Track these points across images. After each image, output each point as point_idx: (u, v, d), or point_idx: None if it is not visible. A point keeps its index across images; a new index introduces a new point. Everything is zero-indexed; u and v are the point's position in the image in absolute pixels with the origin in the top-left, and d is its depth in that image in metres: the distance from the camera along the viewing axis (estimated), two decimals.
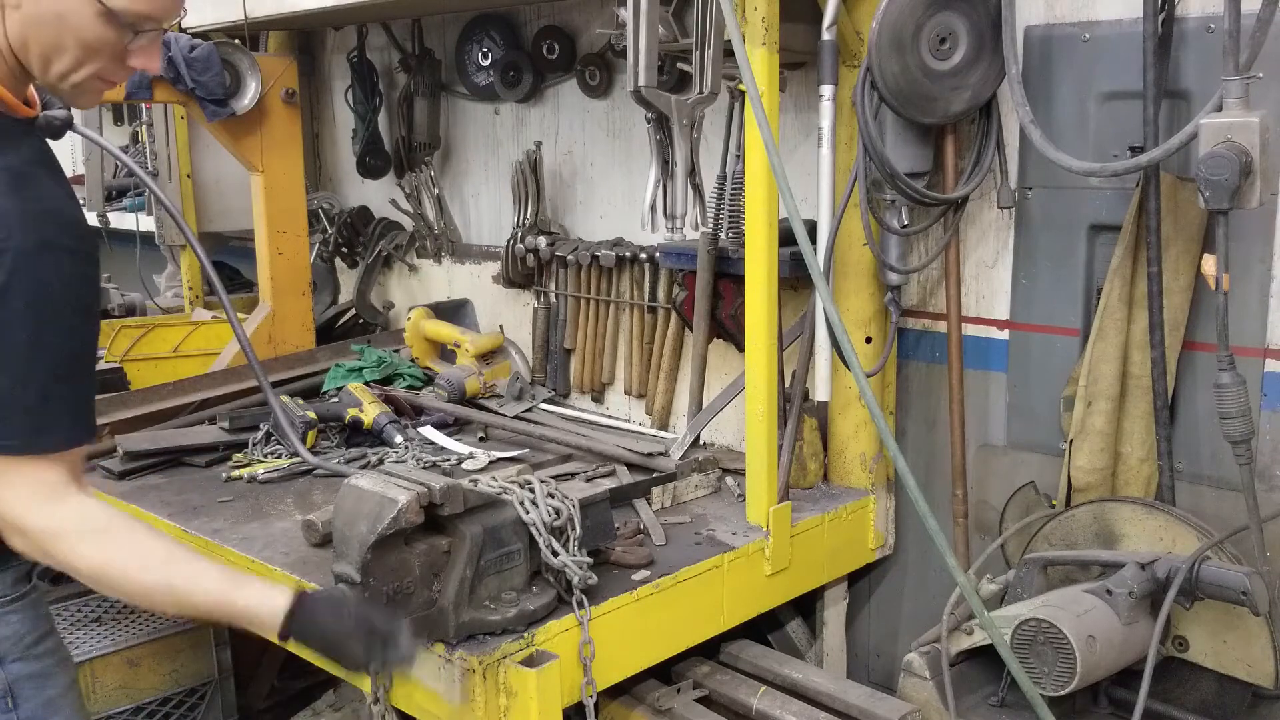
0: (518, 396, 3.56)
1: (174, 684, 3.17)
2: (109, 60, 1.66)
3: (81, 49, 1.63)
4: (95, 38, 1.62)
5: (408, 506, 1.94)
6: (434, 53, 4.00)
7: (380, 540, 1.93)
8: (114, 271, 4.89)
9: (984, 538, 2.75)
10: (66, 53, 1.63)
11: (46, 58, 1.64)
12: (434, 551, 2.03)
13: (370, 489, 2.00)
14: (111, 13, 1.61)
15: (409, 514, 1.94)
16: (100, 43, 1.63)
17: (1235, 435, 2.09)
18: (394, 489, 1.97)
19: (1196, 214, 2.33)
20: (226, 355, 3.77)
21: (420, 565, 2.01)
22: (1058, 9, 2.57)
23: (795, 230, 2.03)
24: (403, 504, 1.94)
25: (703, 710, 2.50)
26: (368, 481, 2.04)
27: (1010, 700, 2.33)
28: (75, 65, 1.64)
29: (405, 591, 1.99)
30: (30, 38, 1.62)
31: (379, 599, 1.95)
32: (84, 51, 1.63)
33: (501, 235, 3.84)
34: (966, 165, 2.64)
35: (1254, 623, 2.13)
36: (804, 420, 2.83)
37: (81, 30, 1.61)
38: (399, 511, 1.93)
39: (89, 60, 1.64)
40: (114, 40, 1.64)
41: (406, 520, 1.94)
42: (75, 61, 1.64)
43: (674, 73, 2.89)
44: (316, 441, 3.19)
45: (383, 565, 1.96)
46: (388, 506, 1.94)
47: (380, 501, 1.96)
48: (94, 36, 1.62)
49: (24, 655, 1.78)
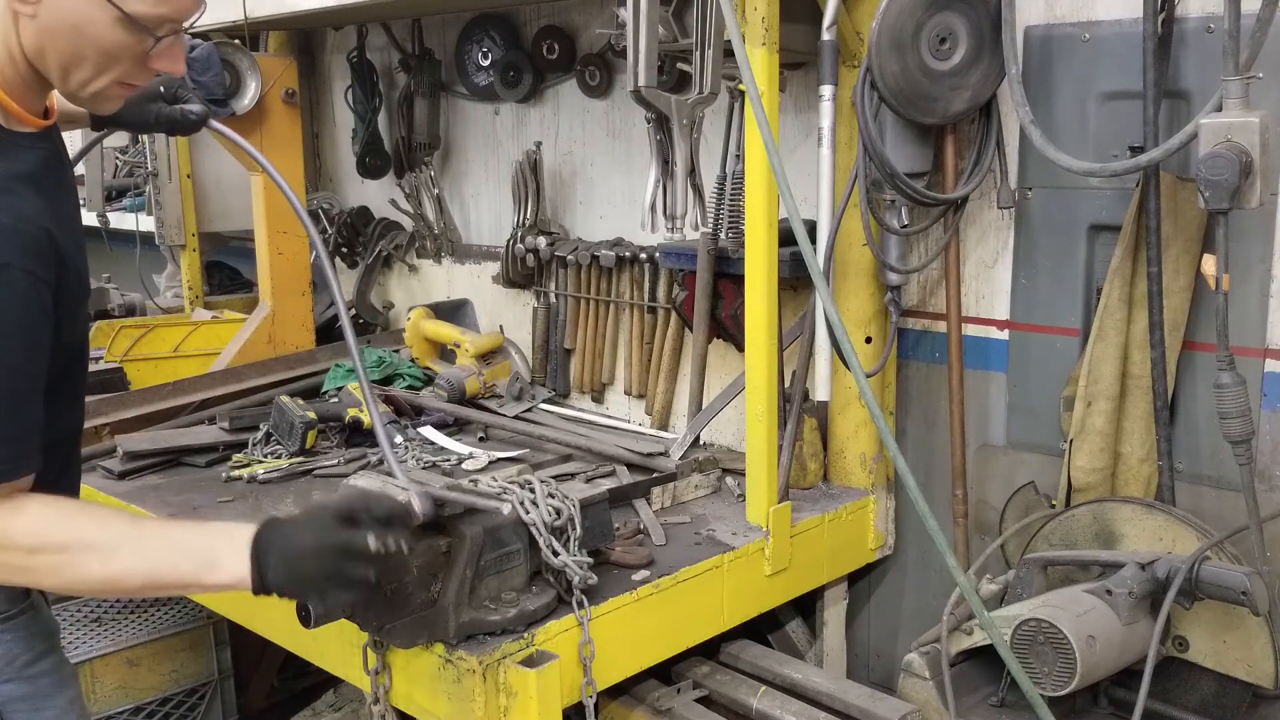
0: (518, 396, 3.56)
1: (174, 684, 3.18)
2: (130, 65, 1.62)
3: (102, 57, 1.58)
4: (114, 44, 1.58)
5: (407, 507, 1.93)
6: (434, 53, 4.00)
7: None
8: (114, 271, 4.89)
9: (984, 538, 2.75)
10: (86, 62, 1.58)
11: (65, 68, 1.59)
12: (432, 552, 2.02)
13: (370, 488, 1.99)
14: (130, 18, 1.56)
15: (408, 515, 1.94)
16: (120, 49, 1.59)
17: (1235, 435, 2.09)
18: (393, 489, 1.97)
19: (1196, 214, 2.33)
20: (226, 355, 3.77)
21: (418, 565, 2.00)
22: (1058, 9, 2.56)
23: (795, 230, 2.03)
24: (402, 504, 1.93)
25: (703, 710, 2.50)
26: (367, 482, 2.03)
27: (1010, 700, 2.33)
28: (96, 73, 1.60)
29: (403, 591, 1.99)
30: (48, 48, 1.58)
31: (378, 599, 1.94)
32: (104, 59, 1.59)
33: (501, 235, 3.84)
34: (966, 165, 2.64)
35: (1254, 623, 2.13)
36: (804, 420, 2.83)
37: (100, 39, 1.57)
38: None
39: (109, 68, 1.60)
40: (134, 45, 1.59)
41: (406, 521, 1.94)
42: (96, 70, 1.59)
43: (674, 73, 2.89)
44: (316, 441, 3.19)
45: None
46: None
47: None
48: (113, 43, 1.58)
49: (16, 676, 1.74)
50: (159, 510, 2.79)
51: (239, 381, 3.56)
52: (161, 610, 3.49)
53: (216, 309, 4.45)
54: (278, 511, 2.76)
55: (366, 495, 1.81)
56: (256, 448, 3.18)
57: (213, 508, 2.81)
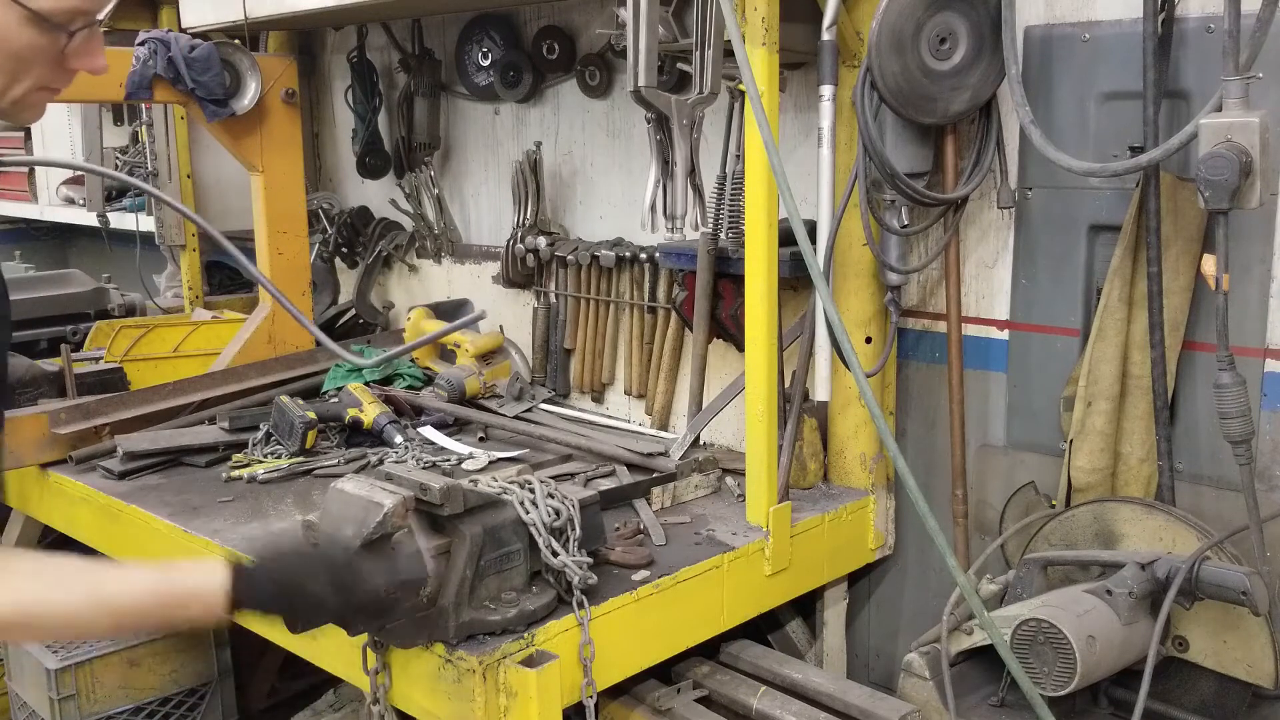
0: (518, 396, 3.56)
1: (174, 684, 3.17)
2: (46, 68, 1.50)
3: (14, 62, 1.46)
4: (26, 47, 1.46)
5: (394, 511, 1.91)
6: (434, 53, 4.00)
7: (366, 544, 1.90)
8: (114, 271, 4.89)
9: (984, 538, 2.75)
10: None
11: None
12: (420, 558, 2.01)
13: (356, 493, 1.97)
14: (37, 15, 1.44)
15: (395, 518, 1.92)
16: (33, 51, 1.47)
17: (1235, 435, 2.09)
18: (380, 493, 1.95)
19: (1196, 214, 2.33)
20: (226, 355, 3.76)
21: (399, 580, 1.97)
22: (1058, 9, 2.56)
23: (795, 230, 2.03)
24: (389, 508, 1.91)
25: (703, 710, 2.50)
26: (353, 485, 2.01)
27: (1010, 700, 2.33)
28: (10, 81, 1.48)
29: (391, 597, 1.96)
30: None
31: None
32: (17, 64, 1.47)
33: (501, 235, 3.84)
34: (966, 165, 2.64)
35: (1254, 623, 2.13)
36: (804, 420, 2.83)
37: (9, 42, 1.45)
38: (385, 515, 1.90)
39: (24, 73, 1.48)
40: (47, 46, 1.47)
41: (393, 524, 1.92)
42: (10, 77, 1.47)
43: (674, 73, 2.89)
44: (316, 441, 3.19)
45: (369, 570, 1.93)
46: (374, 510, 1.91)
47: (366, 506, 1.93)
48: (24, 46, 1.45)
49: None
50: (159, 510, 2.79)
51: (239, 381, 3.56)
52: None
53: (216, 309, 4.44)
54: (278, 512, 2.77)
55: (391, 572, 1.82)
56: (256, 448, 3.18)
57: (213, 507, 2.81)
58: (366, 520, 1.91)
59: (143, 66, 3.41)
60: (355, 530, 1.91)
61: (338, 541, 1.88)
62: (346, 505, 1.97)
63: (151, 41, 3.43)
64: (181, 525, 2.68)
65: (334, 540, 1.89)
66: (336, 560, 1.73)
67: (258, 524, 2.69)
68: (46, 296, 4.15)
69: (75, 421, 3.16)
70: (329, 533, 1.95)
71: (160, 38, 3.45)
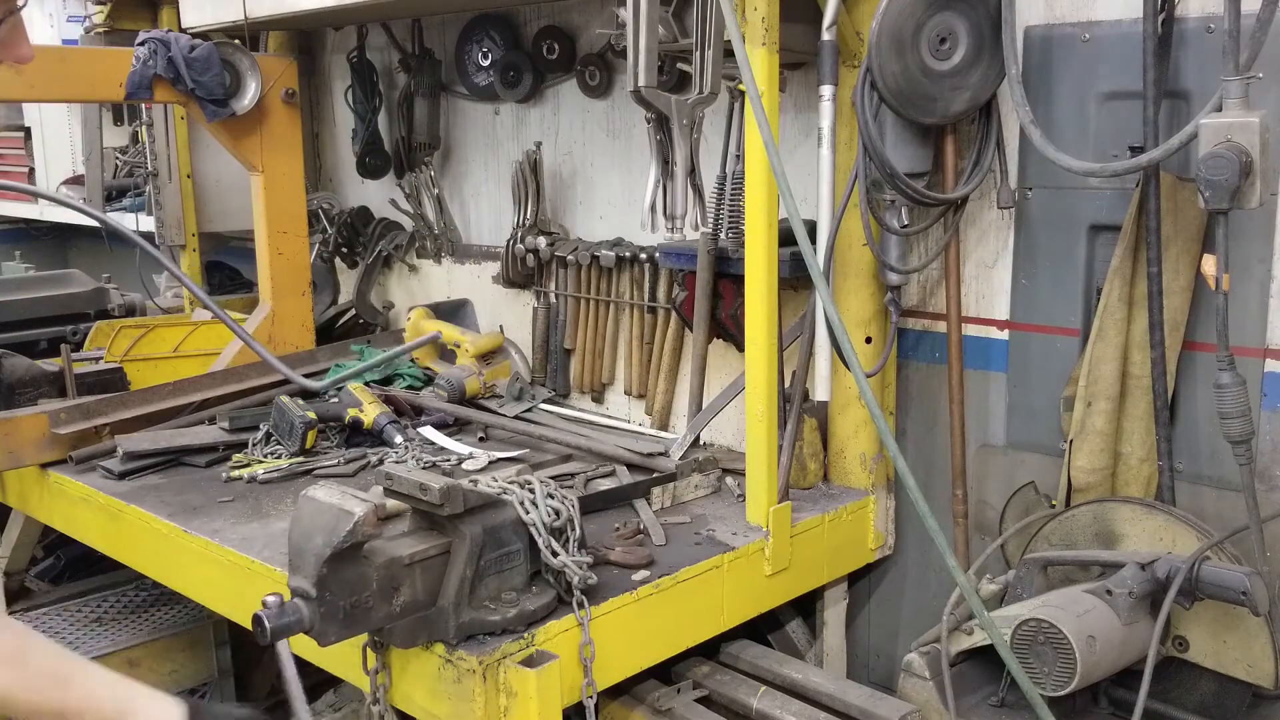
0: (518, 396, 3.56)
1: (174, 684, 3.18)
2: None
3: None
4: None
5: (364, 519, 1.89)
6: (434, 53, 4.00)
7: (336, 554, 1.88)
8: (114, 271, 4.89)
9: (984, 538, 2.75)
10: None
11: None
12: (394, 566, 1.99)
13: (326, 501, 1.95)
14: None
15: (365, 526, 1.89)
16: None
17: (1235, 435, 2.09)
18: (350, 501, 1.92)
19: (1196, 214, 2.33)
20: (226, 355, 3.76)
21: (379, 579, 1.96)
22: (1058, 9, 2.56)
23: (795, 230, 2.03)
24: (359, 516, 1.88)
25: (703, 710, 2.50)
26: (324, 493, 1.98)
27: (1010, 700, 2.33)
28: None
29: (363, 606, 1.95)
30: None
31: (335, 613, 1.91)
32: None
33: (501, 235, 3.84)
34: (966, 165, 2.64)
35: (1254, 623, 2.13)
36: (804, 420, 2.83)
37: None
38: (355, 524, 1.88)
39: None
40: None
41: (363, 533, 1.89)
42: None
43: (674, 73, 2.89)
44: (316, 441, 3.19)
45: (339, 579, 1.91)
46: (344, 519, 1.89)
47: (337, 514, 1.90)
48: None
49: None
50: (159, 510, 2.79)
51: (239, 381, 3.56)
52: (161, 610, 3.49)
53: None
54: (277, 512, 2.76)
55: None
56: (256, 448, 3.19)
57: (213, 508, 2.81)
58: (337, 529, 1.89)
59: (143, 66, 3.41)
60: (325, 539, 1.89)
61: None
62: (317, 513, 1.94)
63: (151, 41, 3.43)
64: (181, 525, 2.69)
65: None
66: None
67: (258, 524, 2.69)
68: (46, 296, 4.16)
69: (75, 421, 3.16)
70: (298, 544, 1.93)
71: (160, 38, 3.45)
